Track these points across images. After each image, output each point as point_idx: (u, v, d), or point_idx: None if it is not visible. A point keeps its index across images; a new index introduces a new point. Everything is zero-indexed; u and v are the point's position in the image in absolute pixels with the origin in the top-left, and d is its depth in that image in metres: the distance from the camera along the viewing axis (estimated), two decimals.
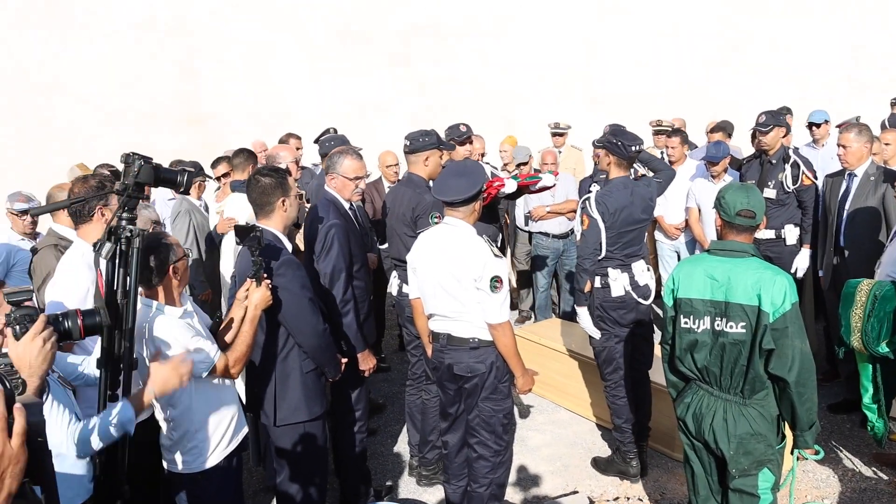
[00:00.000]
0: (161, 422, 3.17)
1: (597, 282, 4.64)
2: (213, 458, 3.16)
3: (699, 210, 6.63)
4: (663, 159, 7.53)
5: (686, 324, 3.26)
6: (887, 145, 5.72)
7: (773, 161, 5.93)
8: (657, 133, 8.28)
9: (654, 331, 4.91)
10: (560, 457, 5.15)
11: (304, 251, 4.33)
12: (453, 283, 3.70)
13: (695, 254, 6.61)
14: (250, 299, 3.26)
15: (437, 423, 4.57)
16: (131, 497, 2.82)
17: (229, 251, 4.91)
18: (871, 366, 4.24)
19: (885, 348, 4.05)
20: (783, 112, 7.05)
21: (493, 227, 4.90)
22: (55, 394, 2.49)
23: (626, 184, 4.62)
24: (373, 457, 5.13)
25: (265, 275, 3.31)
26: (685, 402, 3.37)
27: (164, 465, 3.23)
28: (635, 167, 6.81)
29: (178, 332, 2.99)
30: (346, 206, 4.30)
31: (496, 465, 3.95)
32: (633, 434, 4.75)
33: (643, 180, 6.76)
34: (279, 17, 12.04)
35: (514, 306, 7.96)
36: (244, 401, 3.75)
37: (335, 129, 7.58)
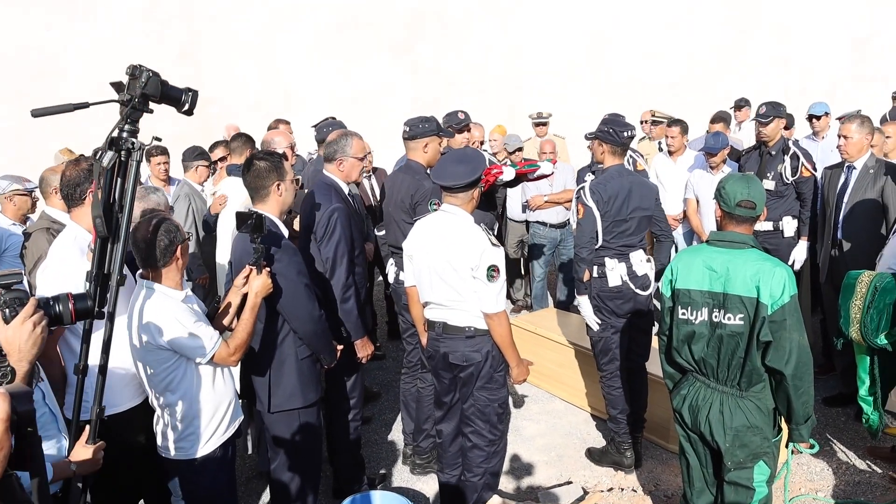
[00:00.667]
0: (156, 407, 3.16)
1: (594, 271, 4.62)
2: (209, 446, 3.16)
3: (697, 201, 6.61)
4: (662, 150, 7.54)
5: (684, 315, 3.24)
6: (888, 138, 5.70)
7: (773, 152, 5.91)
8: (653, 123, 8.25)
9: (652, 322, 4.89)
10: (554, 447, 5.15)
11: (299, 237, 4.30)
12: (450, 271, 3.68)
13: (692, 245, 6.59)
14: (250, 286, 3.24)
15: (431, 412, 4.55)
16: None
17: (226, 235, 4.89)
18: (868, 358, 4.23)
19: (883, 340, 4.04)
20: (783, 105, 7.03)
21: (490, 214, 4.88)
22: None
23: (621, 172, 4.60)
24: (367, 445, 5.12)
25: (265, 262, 3.29)
26: (681, 393, 3.35)
27: (158, 451, 3.22)
28: (634, 158, 6.80)
29: (182, 315, 2.98)
30: (346, 191, 4.27)
31: (490, 455, 3.94)
32: (627, 425, 4.74)
33: (643, 173, 6.76)
34: (282, 3, 11.96)
35: (507, 296, 7.95)
36: (238, 387, 3.74)
37: (334, 118, 7.54)
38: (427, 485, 4.74)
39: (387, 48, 12.22)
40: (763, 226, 5.86)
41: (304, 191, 4.94)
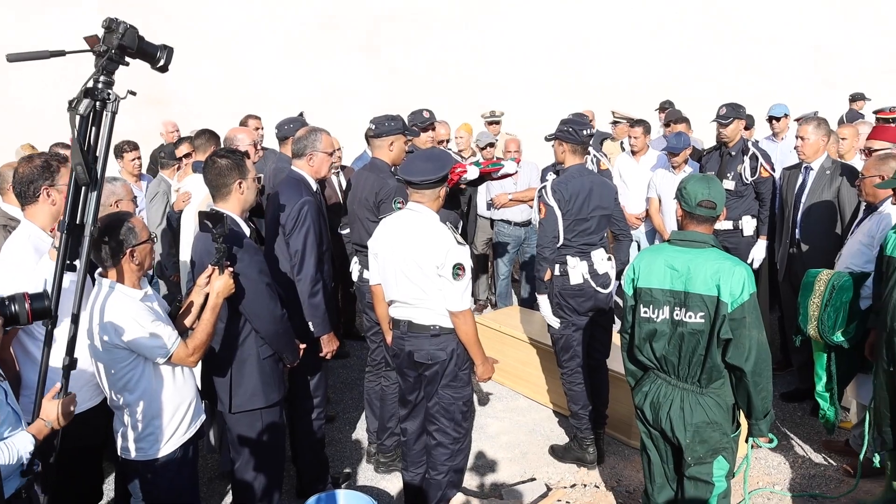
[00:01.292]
0: (114, 408, 3.11)
1: (556, 269, 4.64)
2: (169, 446, 3.11)
3: (659, 200, 6.69)
4: (625, 149, 7.62)
5: (645, 313, 3.27)
6: (844, 140, 5.82)
7: (733, 153, 6.02)
8: (616, 123, 8.33)
9: (613, 320, 4.94)
10: (518, 444, 5.18)
11: (266, 234, 4.27)
12: (415, 269, 3.68)
13: (654, 244, 6.67)
14: (212, 287, 3.19)
15: (395, 410, 4.54)
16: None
17: (189, 233, 4.83)
18: (825, 355, 4.34)
19: (840, 337, 4.14)
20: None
21: (454, 213, 4.89)
22: None
23: (581, 171, 4.63)
24: (331, 444, 5.10)
25: (228, 262, 3.25)
26: (643, 390, 3.39)
27: (118, 452, 3.16)
28: (598, 158, 6.86)
29: (140, 315, 2.93)
30: (314, 187, 4.25)
31: (455, 453, 3.95)
32: (589, 421, 4.79)
33: (606, 172, 6.83)
34: (249, 2, 11.85)
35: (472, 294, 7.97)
36: (200, 387, 3.69)
37: (301, 114, 7.48)
38: (392, 483, 4.73)
39: (354, 48, 12.19)
40: (723, 225, 5.96)
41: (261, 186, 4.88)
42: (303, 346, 3.84)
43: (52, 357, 2.62)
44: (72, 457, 3.24)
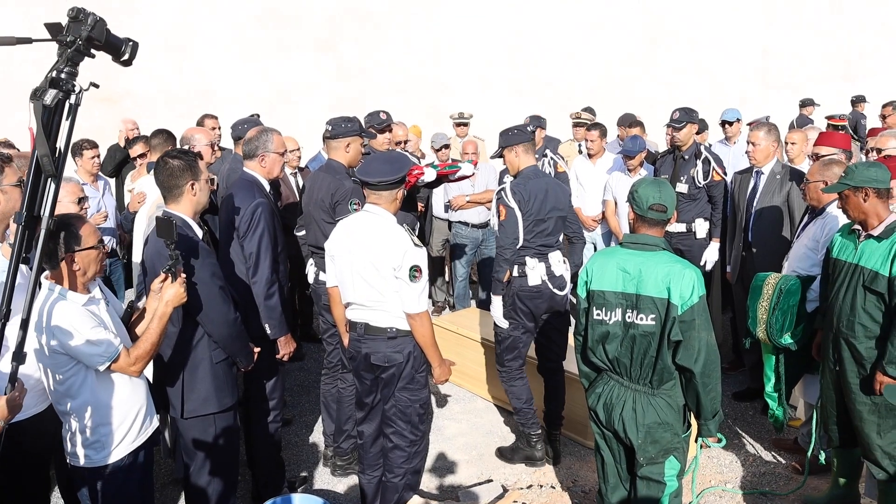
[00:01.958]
0: (60, 414, 3.04)
1: (514, 271, 4.67)
2: (118, 453, 3.04)
3: (615, 203, 6.77)
4: (582, 152, 7.70)
5: (598, 315, 3.31)
6: (793, 145, 5.95)
7: (686, 157, 6.12)
8: (576, 125, 8.41)
9: (569, 322, 4.97)
10: (476, 446, 5.20)
11: (220, 236, 4.21)
12: (372, 271, 3.67)
13: (610, 246, 6.75)
14: (163, 295, 3.09)
15: (352, 413, 4.53)
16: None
17: (139, 234, 4.75)
18: (774, 357, 4.43)
19: (787, 339, 4.24)
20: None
21: (411, 215, 4.88)
22: None
23: (537, 173, 4.68)
24: (287, 447, 5.06)
25: (182, 269, 3.16)
26: (596, 392, 3.43)
27: (67, 459, 3.09)
28: (555, 160, 6.92)
29: (79, 320, 2.84)
30: (267, 188, 4.21)
31: (412, 455, 3.95)
32: (535, 416, 4.81)
33: (563, 175, 6.89)
34: None
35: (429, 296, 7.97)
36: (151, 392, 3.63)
37: (257, 115, 7.40)
38: (348, 486, 4.71)
39: (309, 46, 12.07)
40: (676, 227, 6.07)
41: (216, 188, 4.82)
42: (257, 349, 3.80)
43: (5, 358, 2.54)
44: (16, 464, 3.17)
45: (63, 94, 2.39)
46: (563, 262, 4.78)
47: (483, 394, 5.94)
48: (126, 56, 2.61)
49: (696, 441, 3.51)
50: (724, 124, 7.85)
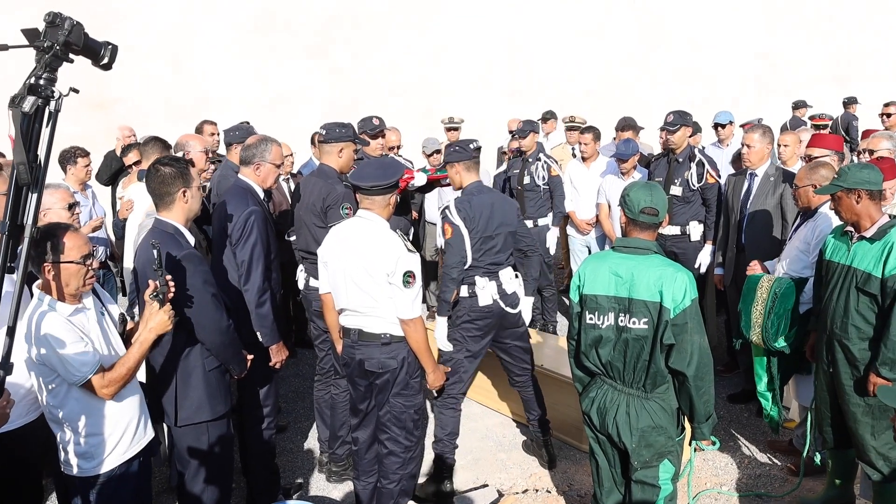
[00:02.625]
0: (51, 422, 3.02)
1: (464, 291, 4.50)
2: (110, 462, 3.02)
3: (609, 206, 6.78)
4: (576, 155, 7.71)
5: (591, 320, 3.31)
6: (786, 147, 5.96)
7: (680, 159, 6.13)
8: (570, 129, 8.42)
9: (528, 336, 4.85)
10: (471, 450, 5.19)
11: (213, 243, 4.20)
12: (365, 277, 3.67)
13: (605, 249, 6.76)
14: (148, 321, 3.03)
15: (346, 418, 4.52)
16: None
17: (131, 241, 4.74)
18: (765, 358, 4.43)
19: (782, 343, 4.24)
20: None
21: (404, 219, 4.88)
22: None
23: (481, 189, 4.55)
24: (282, 454, 5.05)
25: (169, 296, 3.07)
26: (590, 396, 3.43)
27: (61, 467, 3.08)
28: (548, 163, 6.91)
29: (60, 333, 2.81)
30: (261, 196, 4.20)
31: (407, 461, 3.94)
32: (452, 450, 4.61)
33: (557, 178, 6.89)
34: (199, 1, 11.65)
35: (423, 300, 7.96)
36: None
37: (248, 122, 7.38)
38: (344, 493, 4.69)
39: (303, 51, 12.07)
40: (670, 230, 6.08)
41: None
42: (250, 356, 3.78)
43: None
44: (9, 472, 3.16)
45: (42, 100, 2.38)
46: (516, 277, 4.65)
47: (478, 398, 5.93)
48: (105, 60, 2.59)
49: (690, 444, 3.51)
50: (716, 127, 7.88)
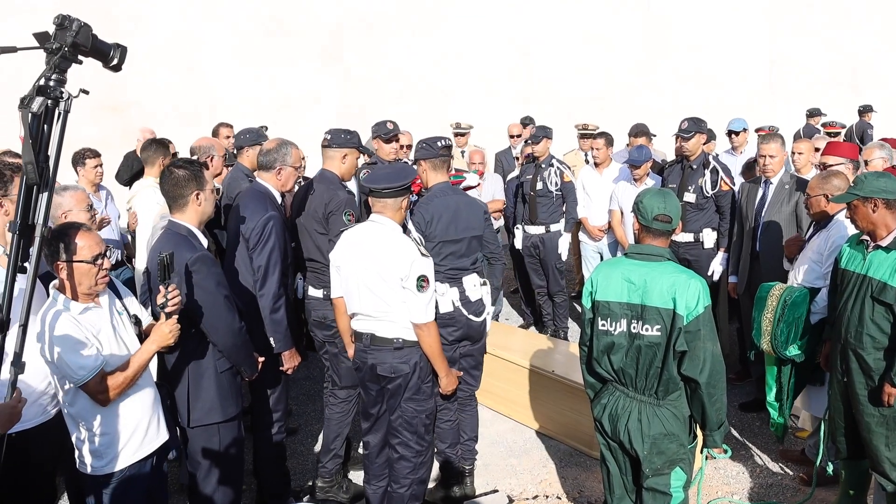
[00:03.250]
0: (66, 420, 3.05)
1: None
2: (120, 462, 3.05)
3: (621, 212, 6.76)
4: (588, 162, 7.70)
5: (603, 326, 3.30)
6: (800, 154, 5.93)
7: (694, 166, 6.11)
8: (583, 136, 8.41)
9: (484, 350, 4.67)
10: (481, 455, 5.14)
11: (227, 246, 4.21)
12: (379, 281, 3.67)
13: (617, 255, 6.74)
14: (153, 333, 3.06)
15: (340, 431, 4.49)
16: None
17: (142, 248, 4.77)
18: (776, 367, 4.41)
19: (793, 350, 4.22)
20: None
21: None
22: None
23: (445, 191, 4.39)
24: (293, 456, 5.05)
25: (176, 305, 3.09)
26: (602, 402, 3.42)
27: (77, 465, 3.10)
28: (562, 169, 6.90)
29: (63, 331, 2.83)
30: (279, 200, 4.19)
31: (417, 466, 3.94)
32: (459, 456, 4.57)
33: (570, 184, 6.88)
34: (210, 5, 11.72)
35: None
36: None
37: (265, 127, 7.41)
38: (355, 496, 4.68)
39: (314, 55, 12.12)
40: (684, 237, 6.06)
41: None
42: (261, 359, 3.79)
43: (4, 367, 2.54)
44: (22, 472, 3.17)
45: (51, 101, 2.40)
46: (482, 285, 4.46)
47: (488, 404, 5.91)
48: (115, 61, 2.61)
49: (702, 452, 3.49)
50: (730, 134, 7.85)
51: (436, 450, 4.52)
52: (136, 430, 3.08)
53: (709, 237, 6.09)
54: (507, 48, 13.23)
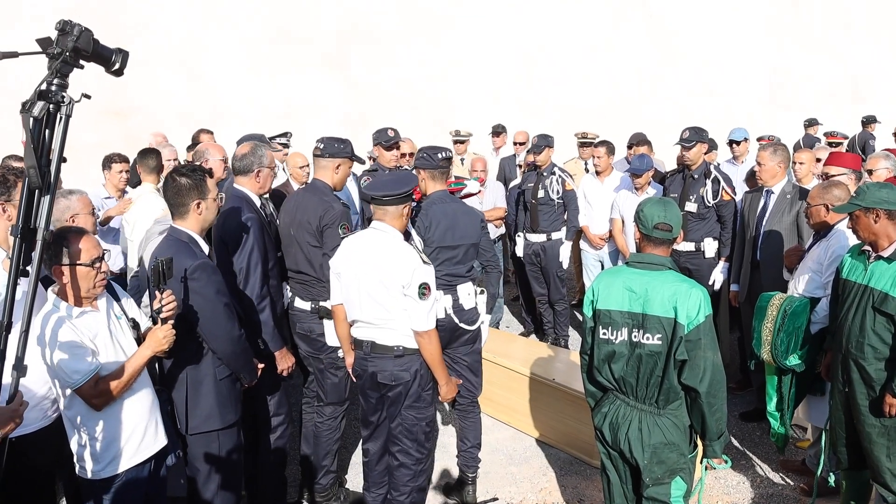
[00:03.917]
0: (65, 424, 3.05)
1: None
2: (119, 465, 3.04)
3: (622, 221, 6.77)
4: (589, 170, 7.71)
5: (604, 335, 3.30)
6: (801, 164, 5.93)
7: (696, 176, 6.12)
8: (582, 145, 8.42)
9: (479, 357, 4.67)
10: (481, 463, 5.16)
11: (216, 254, 4.20)
12: (380, 289, 3.67)
13: (618, 264, 6.74)
14: (147, 338, 3.07)
15: (330, 447, 4.46)
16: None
17: (134, 246, 4.79)
18: (776, 377, 4.41)
19: (793, 360, 4.22)
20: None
21: None
22: None
23: (443, 198, 4.43)
24: (292, 464, 5.03)
25: (171, 311, 3.10)
26: (602, 411, 3.42)
27: (76, 469, 3.10)
28: (562, 177, 6.91)
29: (61, 337, 2.84)
30: (258, 203, 4.17)
31: (417, 474, 3.93)
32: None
33: (571, 192, 6.88)
34: (214, 12, 11.77)
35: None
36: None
37: (263, 136, 7.39)
38: None
39: (318, 63, 12.16)
40: (685, 246, 6.06)
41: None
42: (261, 365, 3.79)
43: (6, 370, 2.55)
44: (22, 477, 3.17)
45: (53, 105, 2.42)
46: (476, 293, 4.48)
47: (488, 411, 5.90)
48: (117, 66, 2.61)
49: (702, 462, 3.49)
50: (731, 144, 7.86)
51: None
52: (133, 434, 3.08)
53: (710, 247, 6.09)
54: (512, 57, 13.27)
